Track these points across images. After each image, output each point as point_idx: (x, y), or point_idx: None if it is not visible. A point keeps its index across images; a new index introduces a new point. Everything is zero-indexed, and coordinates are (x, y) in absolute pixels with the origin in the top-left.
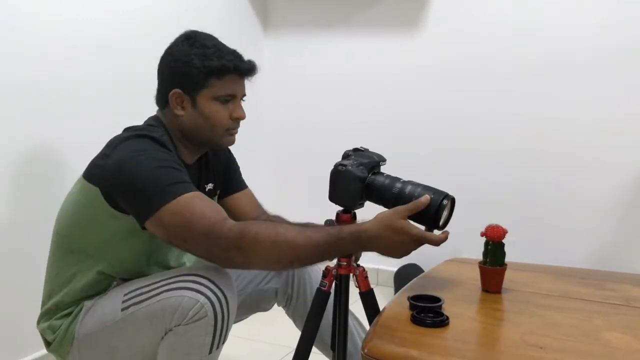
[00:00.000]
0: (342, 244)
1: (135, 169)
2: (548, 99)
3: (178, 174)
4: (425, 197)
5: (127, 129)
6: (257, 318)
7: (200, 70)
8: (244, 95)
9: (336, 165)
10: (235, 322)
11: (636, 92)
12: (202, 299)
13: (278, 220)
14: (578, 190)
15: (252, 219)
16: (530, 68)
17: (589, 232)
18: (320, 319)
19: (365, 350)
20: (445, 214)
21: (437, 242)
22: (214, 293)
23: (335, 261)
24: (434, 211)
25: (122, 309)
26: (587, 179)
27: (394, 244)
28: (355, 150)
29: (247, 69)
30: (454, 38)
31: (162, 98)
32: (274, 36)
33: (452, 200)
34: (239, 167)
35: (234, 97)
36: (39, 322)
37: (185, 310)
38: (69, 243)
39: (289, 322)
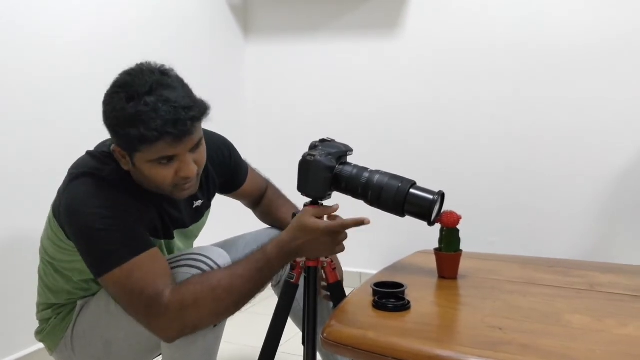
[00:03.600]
0: (272, 262)
1: (80, 228)
2: (533, 93)
3: (121, 235)
4: (336, 205)
5: (87, 154)
6: (235, 321)
7: (125, 137)
8: (195, 145)
9: (304, 156)
10: None
11: (622, 89)
12: (196, 272)
13: (279, 195)
14: (561, 186)
15: (257, 198)
16: (509, 63)
17: (572, 228)
18: (289, 311)
19: (324, 335)
20: (436, 208)
21: (348, 226)
22: (209, 266)
23: None
24: (402, 199)
25: None
26: (572, 175)
27: (312, 243)
28: (322, 140)
29: (182, 132)
30: (433, 37)
31: None
32: (255, 41)
33: (442, 196)
34: (238, 159)
35: (175, 156)
36: (36, 310)
37: None
38: (53, 265)
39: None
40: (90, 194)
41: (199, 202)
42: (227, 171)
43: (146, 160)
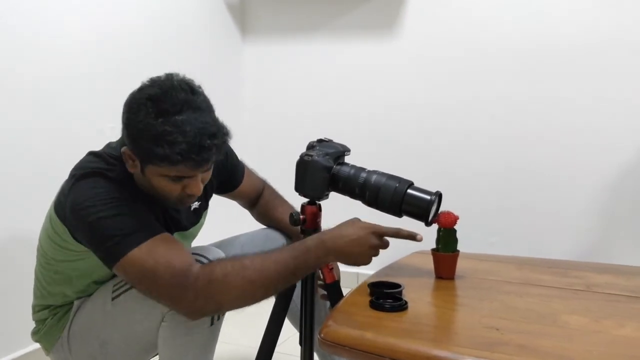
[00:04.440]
0: (309, 253)
1: (92, 219)
2: (533, 93)
3: (136, 219)
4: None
5: (90, 155)
6: (233, 321)
7: (146, 151)
8: (207, 170)
9: (302, 156)
10: None
11: (622, 89)
12: None
13: (276, 195)
14: (561, 186)
15: (254, 198)
16: (509, 63)
17: (572, 229)
18: (286, 311)
19: (322, 335)
20: (433, 209)
21: (401, 235)
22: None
23: None
24: (399, 200)
25: (113, 298)
26: (572, 175)
27: (356, 242)
28: (320, 141)
29: (204, 159)
30: (431, 37)
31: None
32: (253, 41)
33: (439, 196)
34: (235, 160)
35: (187, 177)
36: (32, 311)
37: None
38: (52, 266)
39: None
40: (99, 190)
41: (196, 204)
42: (223, 172)
43: (158, 174)
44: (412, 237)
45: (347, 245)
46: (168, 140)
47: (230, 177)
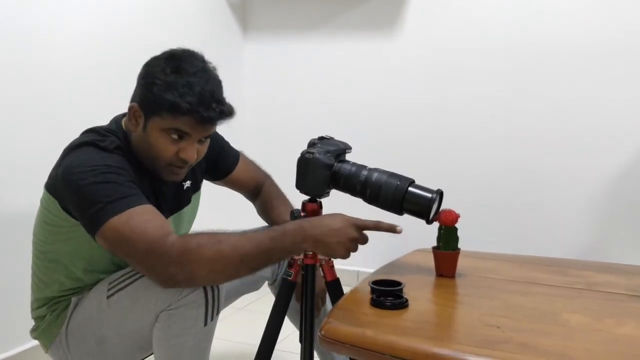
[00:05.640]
0: (286, 236)
1: (79, 184)
2: (533, 93)
3: (121, 188)
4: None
5: (84, 132)
6: (233, 319)
7: (156, 98)
8: (207, 136)
9: (303, 153)
10: (229, 303)
11: (622, 89)
12: None
13: (277, 194)
14: (561, 186)
15: (254, 189)
16: (509, 63)
17: (572, 229)
18: (286, 309)
19: (322, 332)
20: (434, 207)
21: (381, 228)
22: None
23: None
24: (400, 197)
25: (108, 297)
26: (572, 175)
27: (335, 230)
28: (321, 138)
29: (208, 117)
30: (432, 37)
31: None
32: (254, 39)
33: (440, 194)
34: (225, 144)
35: (187, 136)
36: (31, 309)
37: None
38: (45, 252)
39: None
40: (90, 157)
41: (187, 183)
42: (209, 154)
43: (161, 128)
44: (392, 229)
45: (325, 234)
46: (180, 91)
47: (218, 160)
